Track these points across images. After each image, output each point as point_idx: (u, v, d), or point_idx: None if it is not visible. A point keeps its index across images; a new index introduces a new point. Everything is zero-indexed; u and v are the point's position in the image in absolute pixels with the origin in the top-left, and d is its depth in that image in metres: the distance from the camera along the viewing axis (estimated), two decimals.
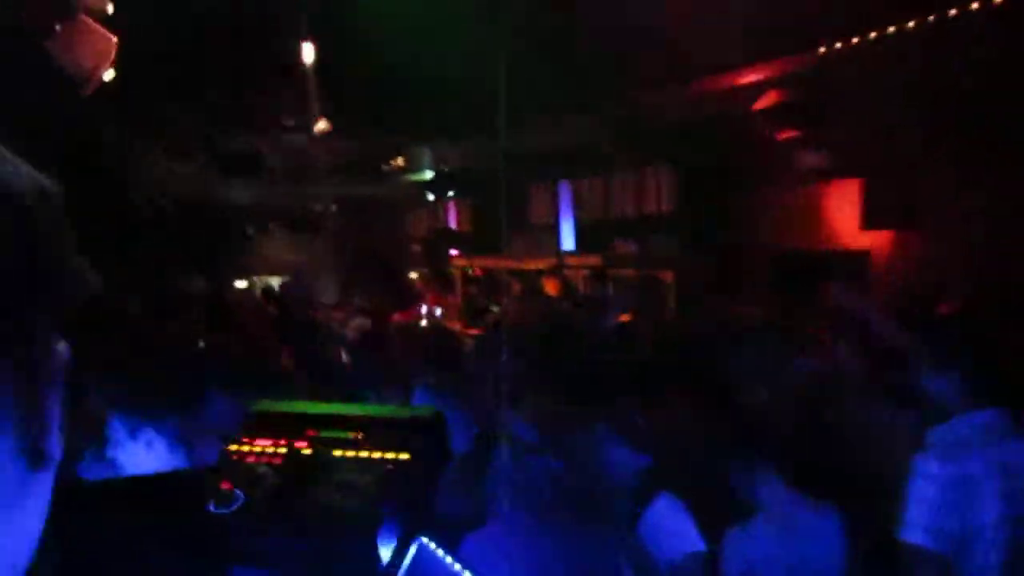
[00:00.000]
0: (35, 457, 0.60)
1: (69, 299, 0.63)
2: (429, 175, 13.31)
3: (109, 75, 8.49)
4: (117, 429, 2.83)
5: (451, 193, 13.36)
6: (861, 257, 7.45)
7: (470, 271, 11.00)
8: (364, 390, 5.02)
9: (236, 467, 1.53)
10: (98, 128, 8.69)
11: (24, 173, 0.61)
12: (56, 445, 0.63)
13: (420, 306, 10.06)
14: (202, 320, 7.67)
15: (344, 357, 7.11)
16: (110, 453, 2.80)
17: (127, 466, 2.79)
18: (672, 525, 2.84)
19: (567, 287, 8.19)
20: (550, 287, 7.72)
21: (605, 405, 3.08)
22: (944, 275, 6.26)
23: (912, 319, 3.56)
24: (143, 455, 2.76)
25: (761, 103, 7.68)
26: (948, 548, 2.60)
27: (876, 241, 7.42)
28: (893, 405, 3.59)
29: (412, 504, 1.50)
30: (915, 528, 2.63)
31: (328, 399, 3.05)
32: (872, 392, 3.84)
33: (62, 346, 0.63)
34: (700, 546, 2.85)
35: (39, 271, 0.59)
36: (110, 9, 5.19)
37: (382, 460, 1.49)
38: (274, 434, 1.58)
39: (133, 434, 2.80)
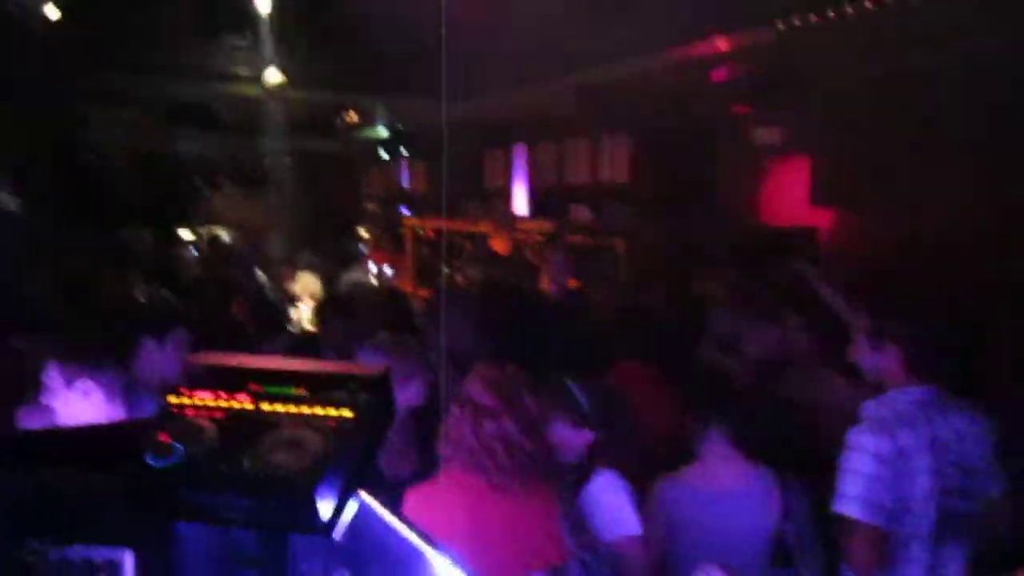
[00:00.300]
0: None
1: None
2: (384, 133, 13.16)
3: (54, 14, 8.24)
4: (54, 378, 2.78)
5: (405, 153, 13.22)
6: (810, 233, 7.55)
7: (422, 232, 10.93)
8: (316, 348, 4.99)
9: (175, 420, 1.50)
10: (44, 76, 8.43)
11: None
12: None
13: (369, 264, 10.00)
14: (145, 273, 7.54)
15: (293, 315, 7.05)
16: (47, 401, 2.76)
17: (64, 415, 2.75)
18: (611, 505, 2.87)
19: (515, 247, 8.18)
20: (498, 246, 7.68)
21: (552, 374, 3.11)
22: (887, 253, 6.38)
23: (855, 295, 3.63)
24: (80, 404, 2.72)
25: (718, 75, 7.71)
26: (881, 520, 2.67)
27: (825, 218, 7.53)
28: (840, 379, 3.67)
29: (355, 462, 1.49)
30: (849, 500, 2.69)
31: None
32: (820, 365, 3.92)
33: None
34: (637, 529, 2.89)
35: None
36: None
37: (325, 417, 1.47)
38: (215, 387, 1.55)
39: (70, 383, 2.76)
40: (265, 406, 1.50)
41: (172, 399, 1.57)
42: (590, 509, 2.80)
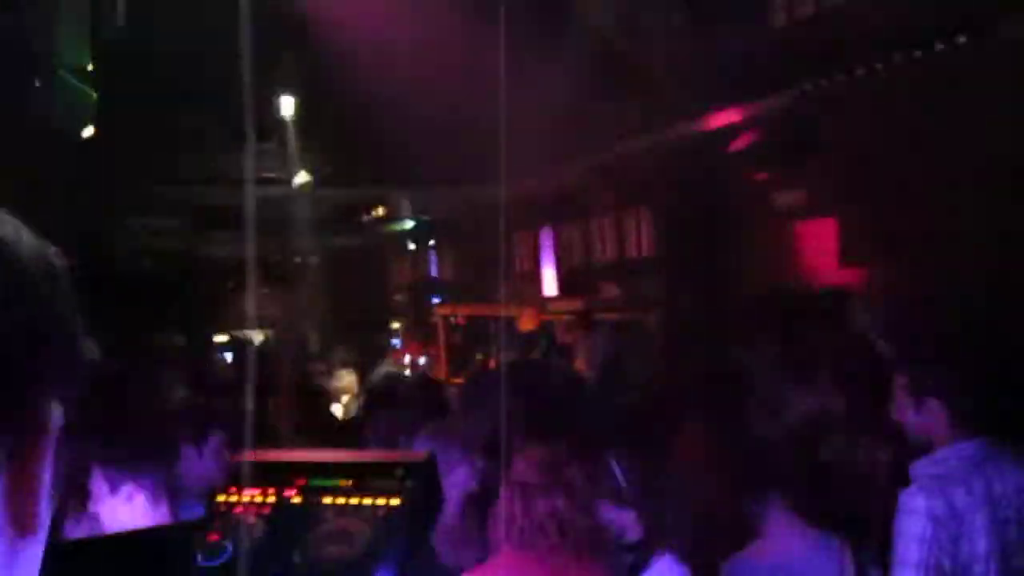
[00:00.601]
0: (24, 523, 0.59)
1: (71, 370, 0.62)
2: (409, 224, 13.35)
3: (88, 132, 8.53)
4: (99, 484, 2.79)
5: (432, 242, 13.39)
6: (842, 293, 7.49)
7: (453, 319, 10.97)
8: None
9: (224, 518, 1.50)
10: (78, 186, 8.69)
11: (28, 240, 0.61)
12: (46, 512, 0.62)
13: (404, 356, 10.03)
14: (181, 378, 7.59)
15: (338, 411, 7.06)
16: (92, 508, 2.76)
17: (109, 521, 2.74)
18: None
19: (543, 324, 8.18)
20: (525, 323, 7.69)
21: (596, 451, 3.06)
22: (921, 309, 6.30)
23: (893, 351, 3.56)
24: (125, 509, 2.72)
25: (736, 144, 7.78)
26: None
27: (854, 277, 7.48)
28: (883, 443, 3.59)
29: (406, 549, 1.47)
30: (906, 566, 2.58)
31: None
32: (866, 429, 3.84)
33: (58, 414, 0.62)
34: None
35: (41, 338, 0.58)
36: (89, 66, 5.23)
37: (373, 506, 1.46)
38: (262, 483, 1.55)
39: (114, 489, 2.76)
40: (313, 499, 1.50)
41: (220, 498, 1.57)
42: None
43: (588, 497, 2.47)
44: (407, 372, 9.14)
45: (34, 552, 0.63)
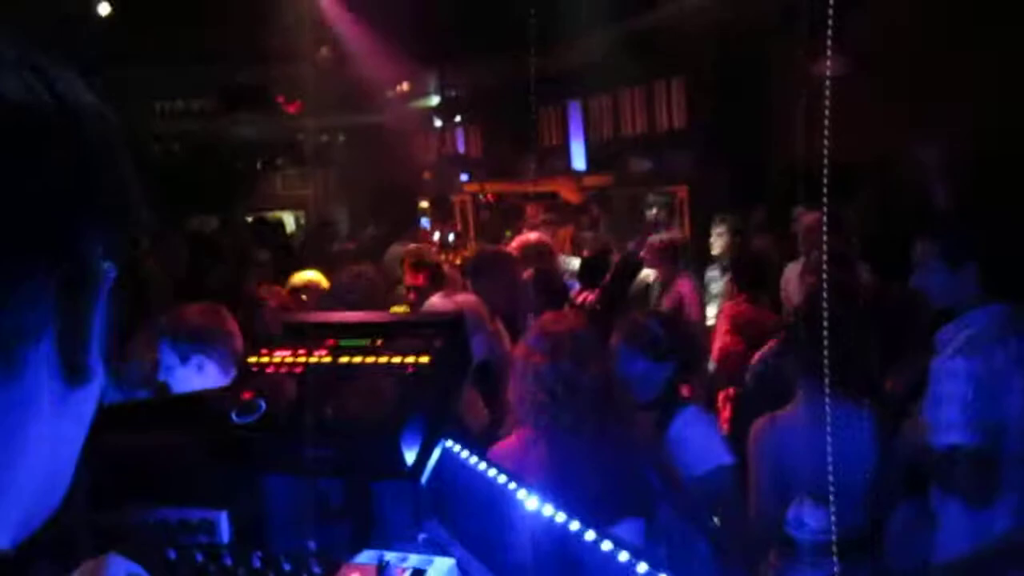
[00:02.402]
0: (75, 371, 0.60)
1: (123, 221, 0.63)
2: (435, 100, 13.15)
3: (104, 9, 8.40)
4: (168, 354, 2.87)
5: (458, 118, 13.20)
6: (882, 163, 7.31)
7: (482, 197, 10.92)
8: None
9: (256, 378, 1.52)
10: (102, 66, 8.60)
11: (84, 92, 0.61)
12: (97, 361, 0.62)
13: (432, 234, 10.03)
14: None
15: None
16: (163, 378, 2.85)
17: (179, 389, 2.84)
18: (699, 438, 2.84)
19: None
20: (568, 195, 7.54)
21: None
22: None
23: (926, 218, 3.49)
24: (195, 378, 2.80)
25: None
26: (986, 441, 2.56)
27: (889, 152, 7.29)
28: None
29: (435, 406, 1.49)
30: (951, 428, 2.56)
31: None
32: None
33: (109, 266, 0.61)
34: (727, 459, 2.85)
35: (93, 185, 0.59)
36: None
37: (402, 364, 1.47)
38: (293, 344, 1.57)
39: (184, 359, 2.85)
40: (343, 358, 1.51)
41: (252, 359, 1.59)
42: (677, 446, 2.78)
43: (601, 360, 2.46)
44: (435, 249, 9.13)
45: (86, 403, 0.63)
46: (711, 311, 5.59)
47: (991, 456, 2.56)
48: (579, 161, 11.23)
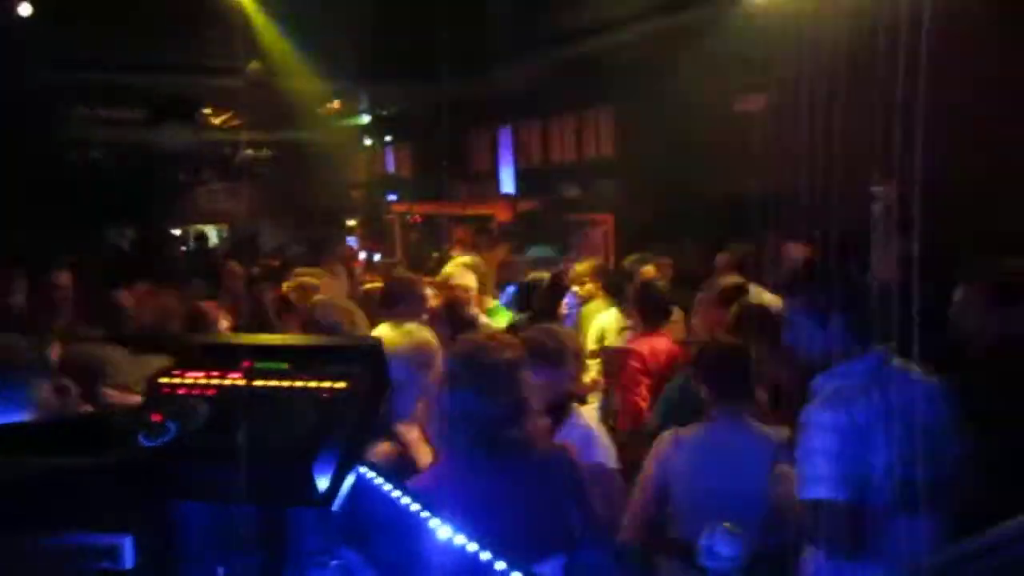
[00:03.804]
0: None
1: None
2: (366, 119, 13.09)
3: (26, 10, 8.15)
4: None
5: (388, 138, 13.15)
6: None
7: (409, 217, 10.89)
8: None
9: (167, 399, 1.49)
10: (23, 75, 8.37)
11: None
12: None
13: (358, 253, 9.96)
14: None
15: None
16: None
17: None
18: (579, 438, 2.93)
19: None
20: (502, 215, 7.54)
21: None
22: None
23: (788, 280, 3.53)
24: None
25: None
26: (851, 495, 2.54)
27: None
28: None
29: (351, 433, 1.48)
30: (817, 481, 2.56)
31: None
32: None
33: None
34: (602, 459, 2.95)
35: None
36: None
37: (319, 389, 1.46)
38: (206, 366, 1.53)
39: None
40: (258, 382, 1.49)
41: (163, 379, 1.55)
42: (569, 440, 2.83)
43: (512, 387, 2.42)
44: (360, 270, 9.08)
45: None
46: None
47: (855, 511, 2.56)
48: (508, 185, 11.28)
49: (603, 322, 5.29)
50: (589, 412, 4.23)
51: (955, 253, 4.56)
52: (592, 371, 4.86)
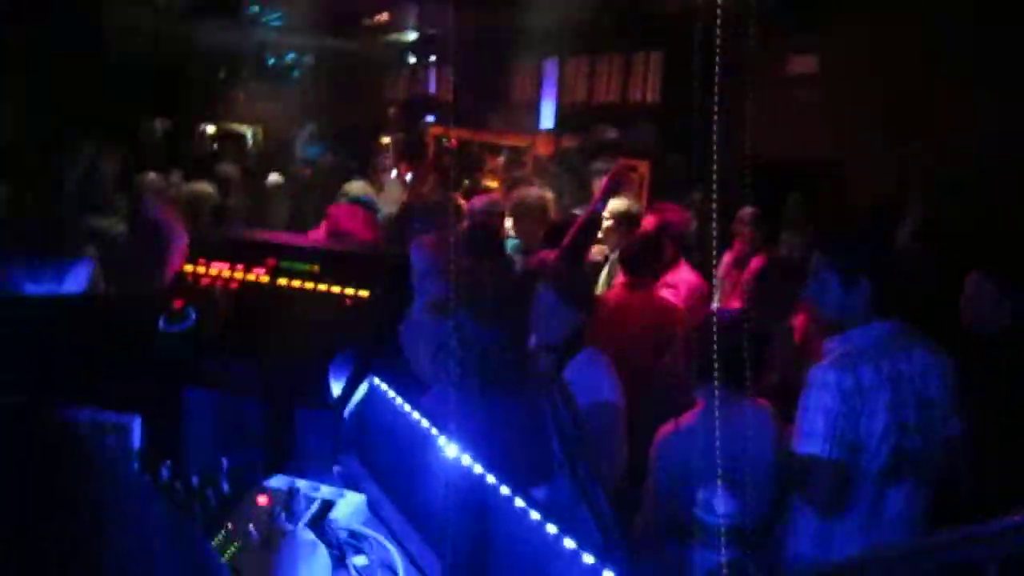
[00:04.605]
0: None
1: None
2: (412, 36, 12.91)
3: None
4: None
5: (433, 58, 12.99)
6: (832, 168, 7.39)
7: (445, 141, 10.80)
8: None
9: (190, 287, 1.49)
10: None
11: None
12: None
13: (390, 172, 9.91)
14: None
15: None
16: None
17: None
18: (589, 376, 2.93)
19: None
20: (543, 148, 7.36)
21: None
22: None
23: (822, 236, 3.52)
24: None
25: None
26: (844, 456, 2.63)
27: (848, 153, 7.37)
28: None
29: (368, 342, 1.48)
30: (814, 437, 2.63)
31: None
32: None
33: None
34: (612, 397, 2.95)
35: None
36: None
37: (341, 295, 1.45)
38: (232, 259, 1.53)
39: None
40: (282, 281, 1.49)
41: (188, 268, 1.55)
42: (574, 385, 2.83)
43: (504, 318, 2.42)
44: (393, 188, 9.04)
45: None
46: None
47: (846, 471, 2.62)
48: (548, 120, 11.15)
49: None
50: None
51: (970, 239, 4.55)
52: None
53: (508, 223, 5.57)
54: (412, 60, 13.14)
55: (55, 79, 8.49)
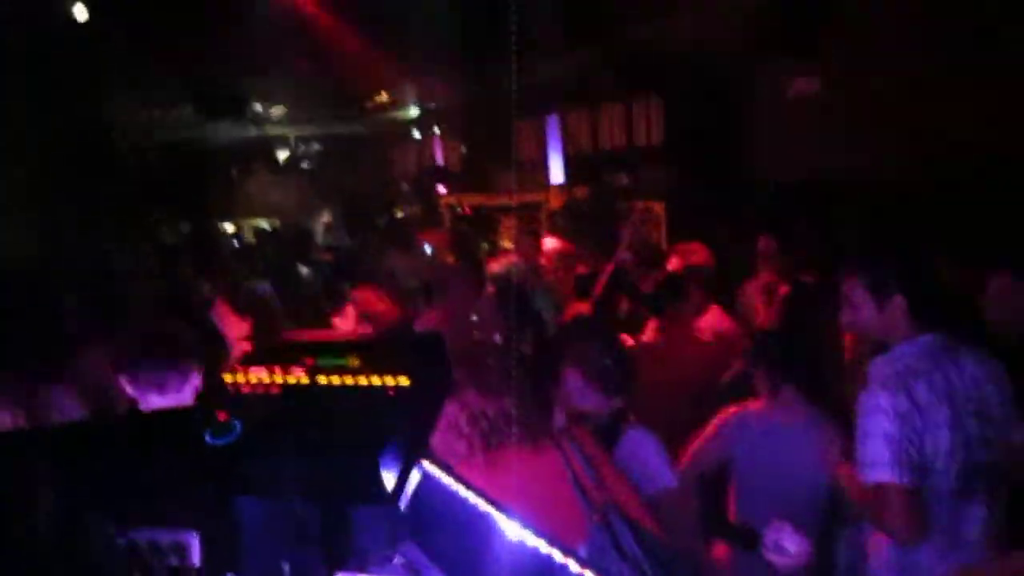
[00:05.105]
0: None
1: None
2: (414, 112, 13.12)
3: (82, 15, 8.29)
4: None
5: (436, 130, 13.17)
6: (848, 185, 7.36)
7: (459, 209, 10.90)
8: None
9: (232, 398, 1.49)
10: (77, 66, 8.51)
11: None
12: None
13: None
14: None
15: None
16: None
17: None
18: (643, 461, 2.85)
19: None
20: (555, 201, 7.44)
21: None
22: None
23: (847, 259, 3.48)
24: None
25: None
26: (915, 479, 2.53)
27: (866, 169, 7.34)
28: None
29: (415, 429, 1.47)
30: (879, 465, 2.54)
31: None
32: None
33: None
34: (672, 481, 2.88)
35: None
36: None
37: (382, 386, 1.45)
38: (270, 363, 1.53)
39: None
40: (321, 379, 1.49)
41: (228, 377, 1.56)
42: (626, 466, 2.77)
43: (510, 388, 2.37)
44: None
45: None
46: None
47: (918, 495, 2.53)
48: (557, 175, 11.22)
49: None
50: None
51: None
52: None
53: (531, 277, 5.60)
54: (416, 135, 13.33)
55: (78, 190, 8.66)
